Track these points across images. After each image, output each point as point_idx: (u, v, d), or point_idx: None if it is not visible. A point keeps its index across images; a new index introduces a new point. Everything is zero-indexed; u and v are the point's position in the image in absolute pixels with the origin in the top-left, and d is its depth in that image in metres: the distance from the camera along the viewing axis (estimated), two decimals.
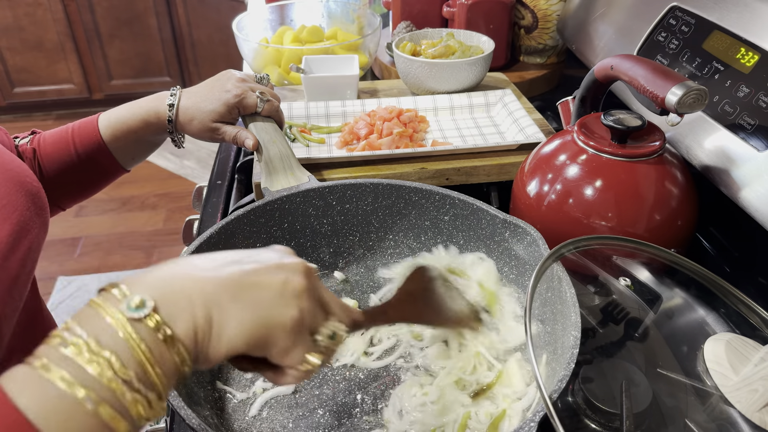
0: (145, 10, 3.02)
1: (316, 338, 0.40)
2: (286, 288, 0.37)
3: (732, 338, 0.53)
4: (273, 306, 0.37)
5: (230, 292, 0.35)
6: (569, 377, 0.47)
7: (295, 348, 0.38)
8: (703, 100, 0.59)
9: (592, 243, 0.56)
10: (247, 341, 0.35)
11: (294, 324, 0.37)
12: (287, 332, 0.37)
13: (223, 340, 0.35)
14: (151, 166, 2.92)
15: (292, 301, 0.37)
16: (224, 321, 0.35)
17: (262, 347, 0.37)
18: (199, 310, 0.34)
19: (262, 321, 0.36)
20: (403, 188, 0.71)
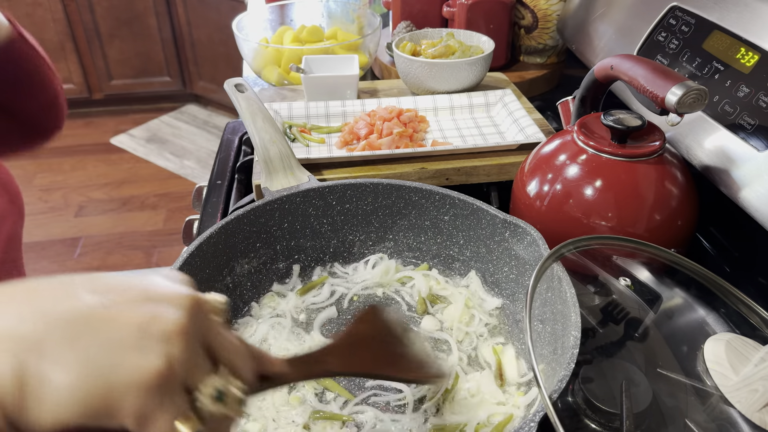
0: (145, 10, 3.02)
1: (196, 398, 0.29)
2: (150, 327, 0.27)
3: (732, 338, 0.53)
4: (124, 353, 0.26)
5: (62, 334, 0.25)
6: (569, 377, 0.47)
7: (158, 413, 0.27)
8: (703, 100, 0.59)
9: (592, 243, 0.56)
10: (83, 406, 0.25)
11: (155, 379, 0.27)
12: (145, 391, 0.26)
13: (46, 404, 0.25)
14: (151, 166, 2.92)
15: (156, 347, 0.27)
16: (47, 376, 0.25)
17: (107, 414, 0.26)
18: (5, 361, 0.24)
19: (103, 375, 0.26)
20: (403, 188, 0.71)
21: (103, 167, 2.93)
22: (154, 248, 2.41)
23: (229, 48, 2.94)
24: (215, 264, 0.64)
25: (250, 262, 0.69)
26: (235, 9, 2.67)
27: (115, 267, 2.30)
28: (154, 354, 0.27)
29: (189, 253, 0.60)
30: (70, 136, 3.15)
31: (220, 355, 0.31)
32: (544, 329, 0.59)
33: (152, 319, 0.27)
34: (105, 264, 2.32)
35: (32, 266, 2.30)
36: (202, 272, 0.62)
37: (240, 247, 0.67)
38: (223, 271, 0.66)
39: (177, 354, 0.28)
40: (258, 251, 0.69)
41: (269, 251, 0.71)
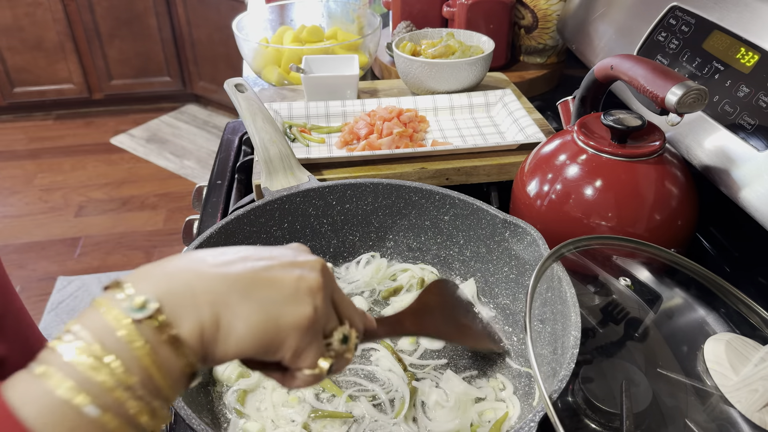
0: (145, 9, 3.02)
1: (329, 341, 0.38)
2: (301, 285, 0.35)
3: (732, 338, 0.53)
4: (286, 304, 0.35)
5: (240, 290, 0.33)
6: (569, 377, 0.47)
7: (308, 350, 0.36)
8: (703, 100, 0.59)
9: (592, 243, 0.56)
10: (257, 342, 0.33)
11: (308, 323, 0.35)
12: (300, 332, 0.35)
13: (231, 341, 0.33)
14: (151, 166, 2.92)
15: (307, 299, 0.35)
16: (232, 321, 0.33)
17: (273, 349, 0.35)
18: (205, 310, 0.32)
19: (273, 321, 0.34)
20: (403, 188, 0.71)
21: (103, 167, 2.93)
22: (154, 248, 2.41)
23: (229, 48, 2.94)
24: None
25: None
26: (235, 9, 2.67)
27: (115, 267, 2.30)
28: (306, 304, 0.35)
29: None
30: (70, 136, 3.15)
31: (341, 309, 0.39)
32: (544, 329, 0.59)
33: (301, 278, 0.36)
34: (105, 264, 2.32)
35: (32, 266, 2.30)
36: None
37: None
38: None
39: (319, 305, 0.36)
40: None
41: None
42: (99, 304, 0.31)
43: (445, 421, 0.56)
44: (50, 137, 3.13)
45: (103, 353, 0.29)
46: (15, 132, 3.19)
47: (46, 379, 0.28)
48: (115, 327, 0.30)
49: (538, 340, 0.59)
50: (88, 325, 0.30)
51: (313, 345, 0.36)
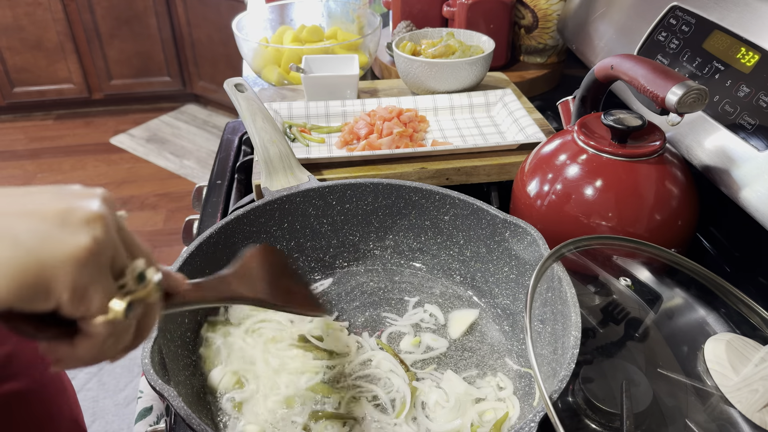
0: (144, 9, 3.02)
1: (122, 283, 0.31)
2: (71, 214, 0.29)
3: (732, 338, 0.53)
4: (52, 235, 0.28)
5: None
6: (569, 377, 0.46)
7: (92, 288, 0.29)
8: (703, 100, 0.59)
9: (593, 243, 0.56)
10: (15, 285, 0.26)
11: (85, 253, 0.28)
12: (77, 265, 0.28)
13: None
14: (151, 166, 2.92)
15: (81, 228, 0.29)
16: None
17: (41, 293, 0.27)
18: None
19: (33, 254, 0.27)
20: (403, 188, 0.71)
21: (103, 167, 2.93)
22: (154, 248, 2.41)
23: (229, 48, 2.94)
24: (215, 264, 0.64)
25: None
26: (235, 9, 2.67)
27: None
28: (80, 234, 0.29)
29: (189, 253, 0.60)
30: (70, 136, 3.15)
31: (134, 247, 0.33)
32: (545, 329, 0.59)
33: (72, 207, 0.29)
34: None
35: None
36: (202, 272, 0.62)
37: (240, 247, 0.67)
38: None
39: (100, 234, 0.29)
40: None
41: None
42: None
43: (446, 422, 0.56)
44: (50, 137, 3.13)
45: None
46: (15, 132, 3.19)
47: None
48: None
49: (538, 340, 0.59)
50: None
51: (97, 282, 0.29)
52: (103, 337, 0.30)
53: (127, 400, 1.79)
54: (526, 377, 0.61)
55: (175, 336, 0.57)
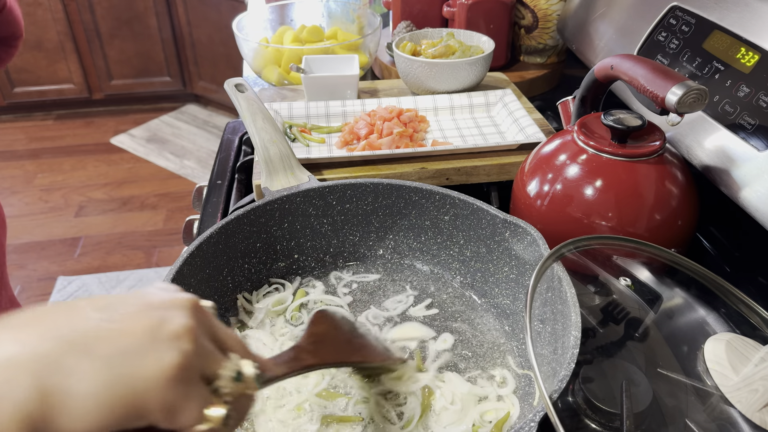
0: (145, 9, 3.02)
1: (217, 386, 0.31)
2: (160, 330, 0.29)
3: (732, 338, 0.53)
4: (140, 355, 0.28)
5: (76, 349, 0.26)
6: (569, 377, 0.46)
7: (184, 403, 0.29)
8: (703, 100, 0.59)
9: (593, 243, 0.56)
10: (112, 409, 0.26)
11: (174, 372, 0.28)
12: (168, 385, 0.28)
13: (75, 414, 0.25)
14: (151, 166, 2.92)
15: (170, 344, 0.29)
16: (71, 388, 0.26)
17: (137, 413, 0.27)
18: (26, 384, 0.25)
19: (125, 377, 0.27)
20: (403, 188, 0.71)
21: (104, 167, 2.93)
22: (154, 248, 2.41)
23: (229, 48, 2.94)
24: (215, 264, 0.64)
25: (250, 262, 0.69)
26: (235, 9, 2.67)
27: (115, 267, 2.30)
28: (169, 351, 0.29)
29: (189, 253, 0.60)
30: (70, 136, 3.15)
31: (227, 343, 0.33)
32: (545, 329, 0.59)
33: (160, 323, 0.29)
34: (105, 264, 2.32)
35: (32, 266, 2.30)
36: (202, 272, 0.62)
37: (240, 247, 0.67)
38: (223, 271, 0.66)
39: (189, 348, 0.29)
40: (258, 251, 0.69)
41: (269, 251, 0.71)
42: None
43: (450, 423, 0.56)
44: (50, 137, 3.13)
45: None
46: (15, 132, 3.19)
47: None
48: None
49: (538, 340, 0.59)
50: None
51: (190, 396, 0.29)
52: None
53: None
54: (526, 377, 0.61)
55: None
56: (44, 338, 0.27)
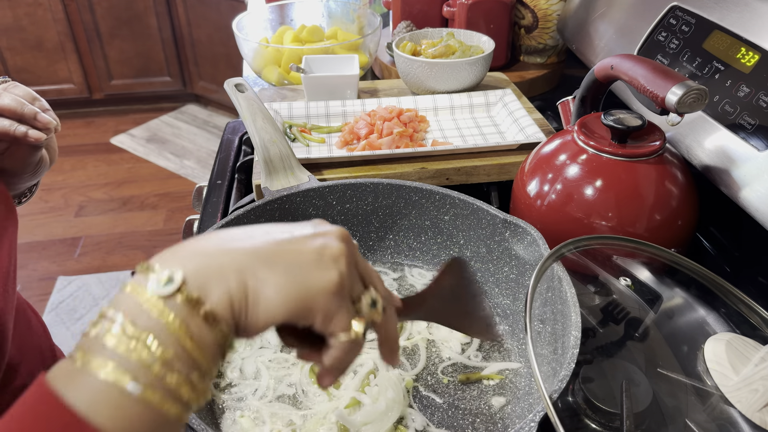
0: (145, 9, 3.02)
1: (358, 307, 0.39)
2: (324, 252, 0.36)
3: (732, 338, 0.53)
4: (311, 270, 0.35)
5: (264, 259, 0.34)
6: (569, 377, 0.47)
7: (339, 312, 0.36)
8: (703, 100, 0.59)
9: (593, 243, 0.56)
10: (288, 308, 0.34)
11: (335, 287, 0.36)
12: (330, 295, 0.36)
13: (261, 308, 0.34)
14: (151, 166, 2.92)
15: (331, 265, 0.36)
16: (260, 288, 0.34)
17: (304, 314, 0.35)
18: (232, 279, 0.33)
19: (301, 285, 0.35)
20: (403, 188, 0.71)
21: (103, 167, 2.93)
22: (155, 248, 2.41)
23: (229, 48, 2.94)
24: None
25: None
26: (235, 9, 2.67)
27: (115, 267, 2.30)
28: (331, 270, 0.36)
29: None
30: (71, 136, 3.15)
31: (366, 277, 0.40)
32: (545, 329, 0.59)
33: (324, 246, 0.37)
34: (105, 264, 2.32)
35: (33, 266, 2.30)
36: None
37: None
38: None
39: (345, 270, 0.37)
40: None
41: None
42: (127, 286, 0.32)
43: None
44: None
45: (137, 332, 0.30)
46: None
47: (87, 364, 0.29)
48: (145, 305, 0.31)
49: (538, 340, 0.59)
50: (120, 307, 0.31)
51: (342, 308, 0.37)
52: (345, 349, 0.37)
53: None
54: (526, 377, 0.61)
55: None
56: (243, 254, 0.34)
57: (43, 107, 0.63)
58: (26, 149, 0.64)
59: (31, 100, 0.63)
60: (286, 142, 0.78)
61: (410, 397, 0.59)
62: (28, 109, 0.60)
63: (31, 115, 0.61)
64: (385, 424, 0.55)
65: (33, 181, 0.69)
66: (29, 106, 0.61)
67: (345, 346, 0.38)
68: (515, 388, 0.60)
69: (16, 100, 0.60)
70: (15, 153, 0.64)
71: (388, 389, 0.57)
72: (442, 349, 0.65)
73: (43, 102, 0.64)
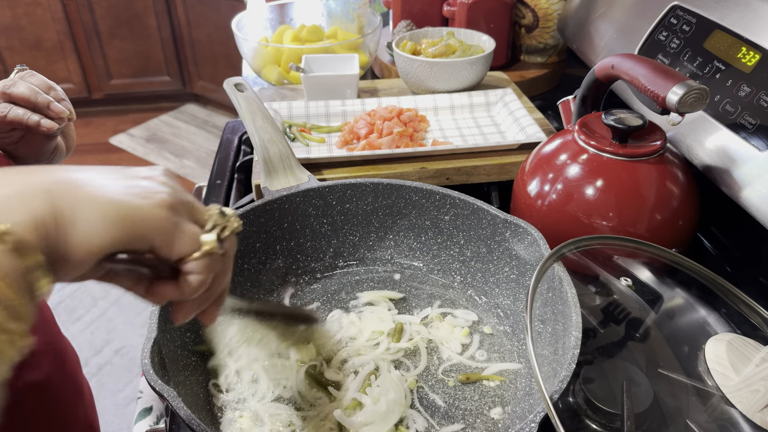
0: (144, 9, 3.02)
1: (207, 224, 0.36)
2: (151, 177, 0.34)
3: (733, 338, 0.53)
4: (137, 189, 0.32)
5: (81, 181, 0.31)
6: (570, 377, 0.46)
7: (179, 233, 0.33)
8: (704, 100, 0.59)
9: (593, 243, 0.56)
10: (113, 230, 0.30)
11: (167, 202, 0.33)
12: (161, 213, 0.32)
13: (80, 231, 0.29)
14: None
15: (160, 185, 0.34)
16: (78, 210, 0.30)
17: (136, 237, 0.31)
18: (38, 199, 0.29)
19: (126, 203, 0.31)
20: (404, 188, 0.71)
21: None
22: None
23: (229, 47, 2.94)
24: None
25: (250, 262, 0.69)
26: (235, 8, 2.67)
27: None
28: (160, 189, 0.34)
29: None
30: None
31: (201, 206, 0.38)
32: (545, 329, 0.59)
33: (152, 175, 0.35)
34: None
35: None
36: None
37: (239, 247, 0.67)
38: None
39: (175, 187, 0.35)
40: (258, 251, 0.69)
41: (269, 251, 0.71)
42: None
43: None
44: None
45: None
46: None
47: None
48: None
49: (538, 341, 0.59)
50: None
51: (182, 228, 0.34)
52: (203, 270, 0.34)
53: (126, 400, 1.79)
54: (526, 377, 0.61)
55: (175, 336, 0.57)
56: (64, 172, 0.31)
57: (58, 96, 0.64)
58: (40, 138, 0.64)
59: (46, 89, 0.63)
60: (286, 141, 0.78)
61: (414, 396, 0.59)
62: (41, 98, 0.60)
63: (44, 104, 0.60)
64: (386, 425, 0.55)
65: None
66: (43, 95, 0.61)
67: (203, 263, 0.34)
68: (516, 388, 0.60)
69: (31, 89, 0.60)
70: (30, 141, 0.65)
71: (389, 390, 0.57)
72: (442, 350, 0.64)
73: (59, 91, 0.65)
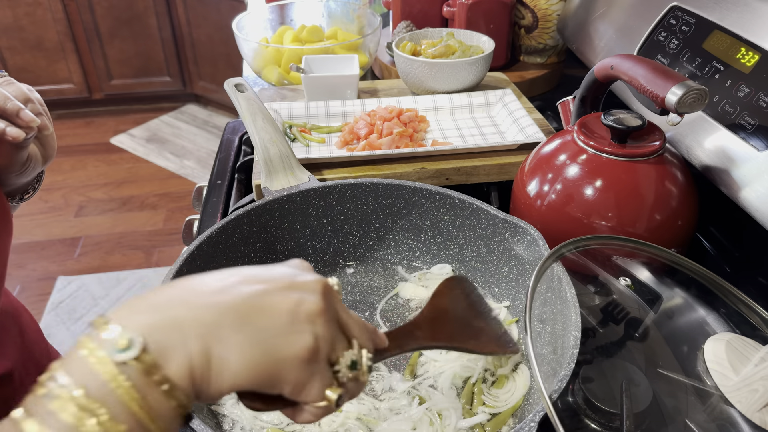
0: (144, 9, 3.02)
1: (337, 369, 0.35)
2: (299, 311, 0.33)
3: (732, 338, 0.53)
4: (282, 334, 0.32)
5: (231, 321, 0.31)
6: (569, 377, 0.47)
7: (312, 382, 0.33)
8: (703, 100, 0.59)
9: (593, 243, 0.56)
10: (253, 377, 0.31)
11: (308, 354, 0.33)
12: (301, 364, 0.32)
13: (224, 376, 0.31)
14: (151, 166, 2.92)
15: (305, 327, 0.33)
16: (225, 355, 0.31)
17: (272, 383, 0.32)
18: (194, 344, 0.30)
19: (269, 353, 0.32)
20: (403, 188, 0.71)
21: (103, 167, 2.93)
22: (154, 248, 2.41)
23: (229, 48, 2.94)
24: (215, 264, 0.64)
25: (250, 262, 0.69)
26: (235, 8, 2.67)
27: (115, 267, 2.30)
28: (305, 334, 0.33)
29: (189, 253, 0.60)
30: (70, 136, 3.15)
31: (349, 330, 0.37)
32: (544, 329, 0.59)
33: (298, 304, 0.33)
34: (105, 264, 2.32)
35: (32, 266, 2.30)
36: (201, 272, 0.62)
37: (240, 247, 0.67)
38: None
39: (321, 332, 0.33)
40: (258, 251, 0.69)
41: (269, 251, 0.71)
42: (82, 345, 0.29)
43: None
44: None
45: (88, 401, 0.27)
46: None
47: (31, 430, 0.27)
48: (99, 372, 0.28)
49: (538, 340, 0.59)
50: (71, 369, 0.28)
51: (316, 376, 0.34)
52: (318, 416, 0.35)
53: None
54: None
55: None
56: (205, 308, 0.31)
57: (35, 109, 0.60)
58: (8, 147, 0.60)
59: (23, 99, 0.59)
60: (286, 142, 0.78)
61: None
62: (11, 105, 0.56)
63: (13, 111, 0.56)
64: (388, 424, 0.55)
65: (23, 179, 0.66)
66: (14, 102, 0.57)
67: (317, 412, 0.35)
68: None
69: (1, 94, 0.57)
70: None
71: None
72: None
73: (36, 103, 0.61)
